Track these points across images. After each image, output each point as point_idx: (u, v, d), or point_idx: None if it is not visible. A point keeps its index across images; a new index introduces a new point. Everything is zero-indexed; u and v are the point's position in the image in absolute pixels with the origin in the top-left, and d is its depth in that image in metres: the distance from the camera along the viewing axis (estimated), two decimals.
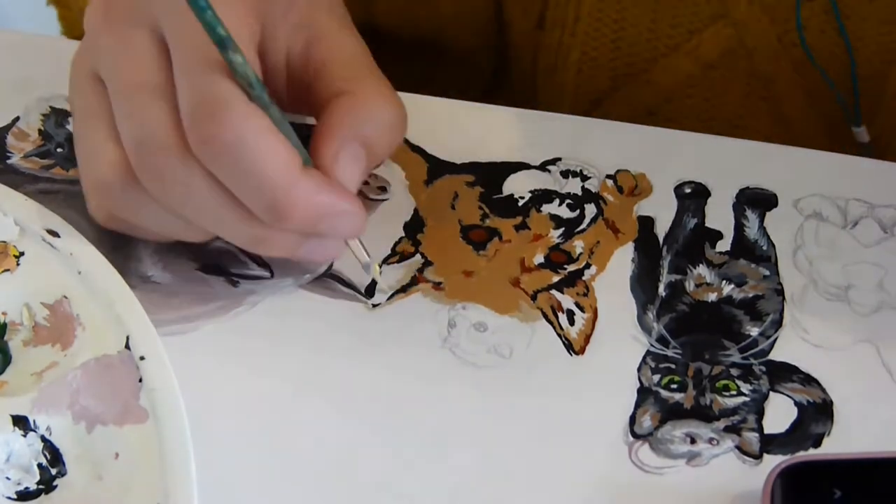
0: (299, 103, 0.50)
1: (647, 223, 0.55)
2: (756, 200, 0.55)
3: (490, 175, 0.56)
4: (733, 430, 0.49)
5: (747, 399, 0.50)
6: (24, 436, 0.47)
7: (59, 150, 0.57)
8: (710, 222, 0.55)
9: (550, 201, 0.56)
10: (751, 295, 0.53)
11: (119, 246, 0.53)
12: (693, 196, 0.56)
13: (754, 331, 0.52)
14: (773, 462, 0.47)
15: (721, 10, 0.62)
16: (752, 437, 0.49)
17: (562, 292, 0.53)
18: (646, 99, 0.66)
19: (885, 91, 0.63)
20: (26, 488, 0.47)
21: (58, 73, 0.59)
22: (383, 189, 0.56)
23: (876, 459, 0.46)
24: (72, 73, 0.51)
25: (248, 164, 0.44)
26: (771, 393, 0.50)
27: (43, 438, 0.47)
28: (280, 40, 0.49)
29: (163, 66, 0.47)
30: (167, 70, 0.46)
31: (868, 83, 0.63)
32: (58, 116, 0.58)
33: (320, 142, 0.47)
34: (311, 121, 0.50)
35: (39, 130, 0.58)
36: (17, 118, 0.58)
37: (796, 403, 0.50)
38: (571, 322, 0.52)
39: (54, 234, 0.52)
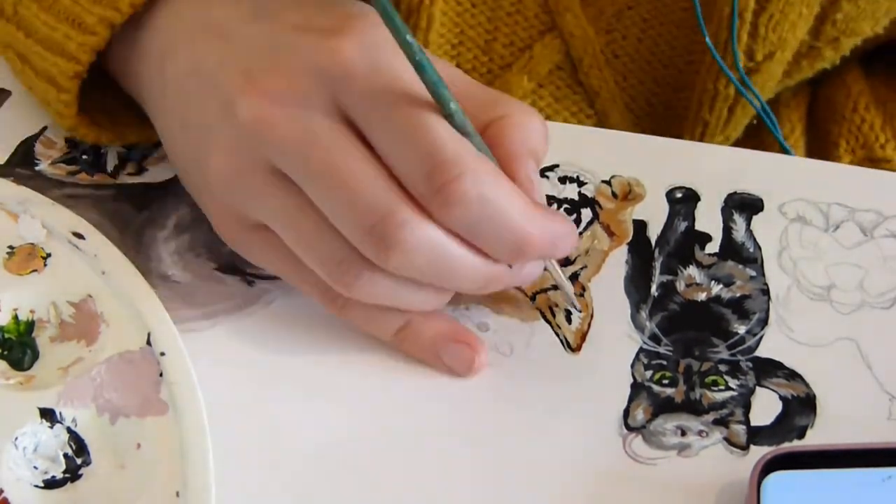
0: None
1: (640, 226, 0.55)
2: (743, 205, 0.55)
3: None
4: (721, 422, 0.49)
5: (735, 393, 0.50)
6: (51, 427, 0.47)
7: (84, 156, 0.57)
8: (700, 225, 0.55)
9: (548, 206, 0.56)
10: (738, 295, 0.53)
11: (140, 247, 0.53)
12: (684, 201, 0.56)
13: (741, 329, 0.52)
14: (759, 453, 0.47)
15: (549, 23, 0.63)
16: (739, 430, 0.49)
17: (559, 293, 0.53)
18: None
19: None
20: (53, 477, 0.47)
21: None
22: None
23: (857, 450, 0.46)
24: (236, 166, 0.47)
25: (495, 213, 0.45)
26: (757, 387, 0.50)
27: (69, 430, 0.48)
28: None
29: (356, 140, 0.46)
30: (366, 146, 0.46)
31: None
32: None
33: (508, 169, 0.47)
34: None
35: (66, 139, 0.58)
36: (45, 128, 0.58)
37: (781, 397, 0.50)
38: (568, 321, 0.52)
39: (79, 236, 0.52)
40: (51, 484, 0.47)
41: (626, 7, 0.63)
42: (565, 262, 0.53)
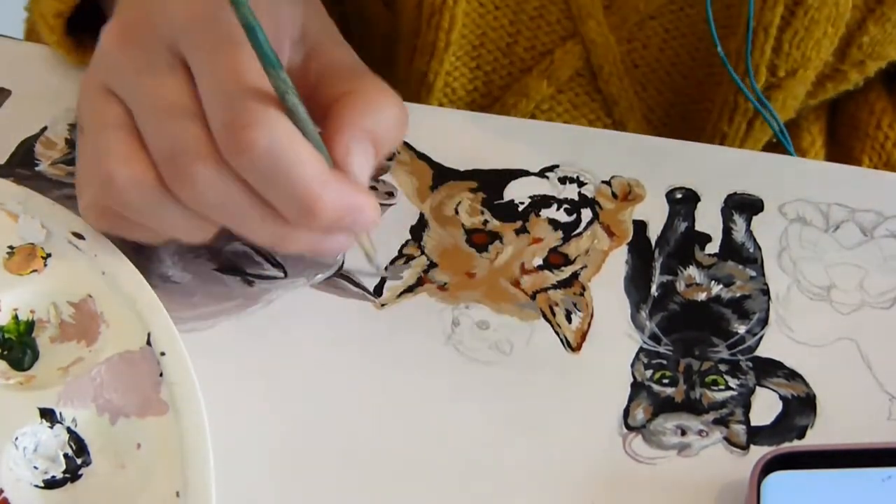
0: None
1: (640, 227, 0.55)
2: (743, 205, 0.55)
3: (492, 181, 0.56)
4: (721, 422, 0.49)
5: (735, 393, 0.50)
6: (51, 427, 0.47)
7: None
8: (700, 226, 0.55)
9: (549, 206, 0.56)
10: (738, 295, 0.53)
11: (140, 248, 0.53)
12: (684, 201, 0.56)
13: (741, 328, 0.52)
14: (759, 453, 0.47)
15: (571, 29, 0.63)
16: (739, 429, 0.49)
17: (559, 292, 0.53)
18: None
19: None
20: (53, 477, 0.47)
21: None
22: (391, 195, 0.56)
23: (857, 450, 0.46)
24: (83, 86, 0.51)
25: (283, 170, 0.45)
26: (757, 387, 0.50)
27: (69, 430, 0.47)
28: (284, 54, 0.49)
29: (188, 86, 0.47)
30: (193, 89, 0.47)
31: None
32: None
33: (331, 139, 0.47)
34: None
35: (66, 139, 0.58)
36: (45, 128, 0.58)
37: (781, 397, 0.50)
38: (569, 320, 0.52)
39: (79, 236, 0.52)
40: (51, 484, 0.47)
41: (649, 17, 0.63)
42: (566, 262, 0.53)
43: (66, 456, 0.47)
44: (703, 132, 0.65)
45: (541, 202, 0.56)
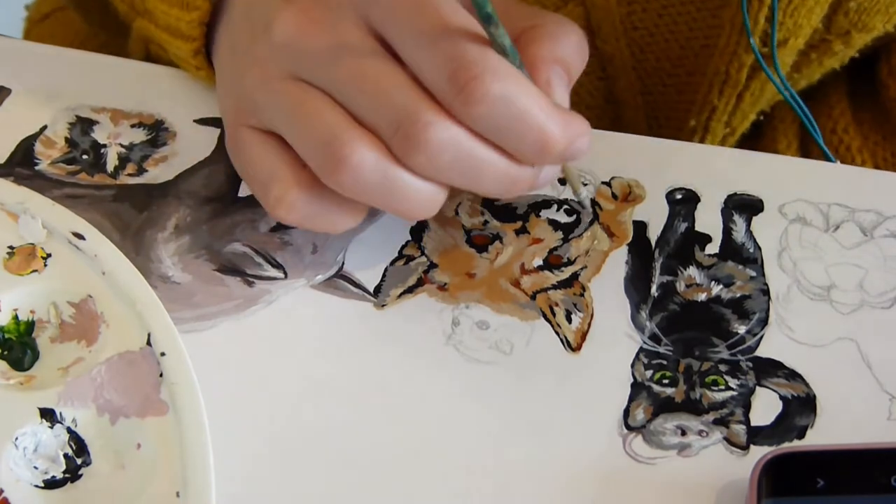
0: None
1: (640, 227, 0.55)
2: (743, 205, 0.55)
3: None
4: (722, 422, 0.49)
5: (735, 393, 0.50)
6: (51, 427, 0.47)
7: (84, 156, 0.57)
8: (700, 226, 0.55)
9: (549, 207, 0.56)
10: (738, 295, 0.53)
11: (140, 248, 0.53)
12: (684, 202, 0.56)
13: (742, 329, 0.51)
14: (759, 453, 0.47)
15: None
16: (739, 430, 0.49)
17: (560, 293, 0.53)
18: None
19: None
20: (53, 477, 0.47)
21: (83, 84, 0.59)
22: None
23: (857, 450, 0.46)
24: (261, 76, 0.49)
25: (517, 113, 0.46)
26: (757, 387, 0.50)
27: (69, 430, 0.47)
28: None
29: (388, 56, 0.47)
30: (391, 54, 0.47)
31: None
32: (83, 125, 0.58)
33: (530, 71, 0.48)
34: None
35: (66, 138, 0.58)
36: (45, 127, 0.58)
37: (781, 397, 0.50)
38: (569, 321, 0.52)
39: (80, 236, 0.52)
40: (51, 484, 0.47)
41: None
42: (566, 262, 0.53)
43: (66, 456, 0.47)
44: (692, 106, 0.65)
45: (541, 203, 0.56)
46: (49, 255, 0.52)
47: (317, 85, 0.48)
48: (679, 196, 0.56)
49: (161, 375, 0.48)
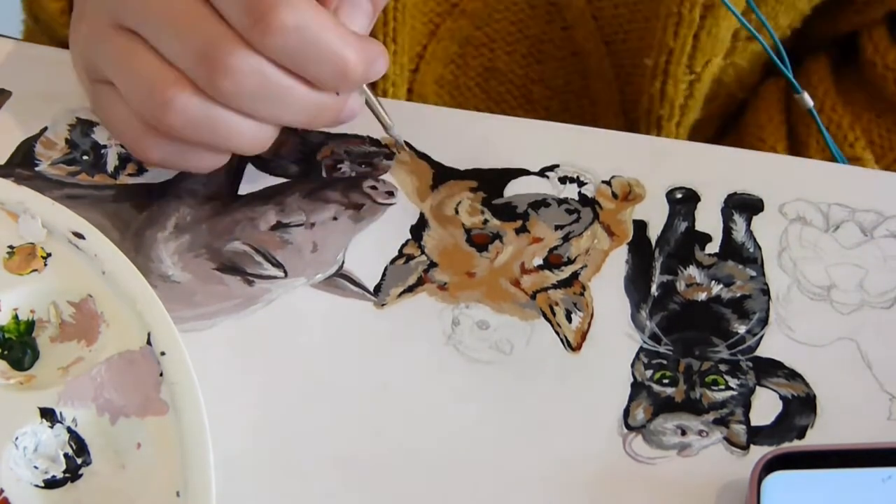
0: None
1: (640, 227, 0.55)
2: (743, 205, 0.55)
3: (492, 181, 0.56)
4: (722, 422, 0.49)
5: (735, 393, 0.50)
6: (51, 427, 0.47)
7: (84, 157, 0.57)
8: (700, 226, 0.55)
9: (549, 206, 0.56)
10: (738, 294, 0.53)
11: (140, 248, 0.53)
12: (684, 201, 0.56)
13: (742, 328, 0.51)
14: (759, 453, 0.47)
15: None
16: (739, 429, 0.49)
17: (560, 292, 0.53)
18: (464, 31, 0.69)
19: None
20: (53, 477, 0.47)
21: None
22: (391, 194, 0.56)
23: (857, 450, 0.46)
24: (90, 36, 0.52)
25: (312, 41, 0.48)
26: (757, 387, 0.50)
27: (69, 429, 0.47)
28: None
29: None
30: None
31: None
32: (83, 126, 0.58)
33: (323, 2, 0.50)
34: None
35: (66, 139, 0.58)
36: (46, 128, 0.58)
37: (781, 397, 0.50)
38: (569, 320, 0.52)
39: (80, 236, 0.52)
40: (51, 484, 0.47)
41: None
42: (566, 262, 0.53)
43: (66, 456, 0.47)
44: (650, 52, 0.65)
45: (541, 202, 0.56)
46: (49, 255, 0.52)
47: (135, 30, 0.50)
48: (679, 195, 0.56)
49: (161, 375, 0.48)
